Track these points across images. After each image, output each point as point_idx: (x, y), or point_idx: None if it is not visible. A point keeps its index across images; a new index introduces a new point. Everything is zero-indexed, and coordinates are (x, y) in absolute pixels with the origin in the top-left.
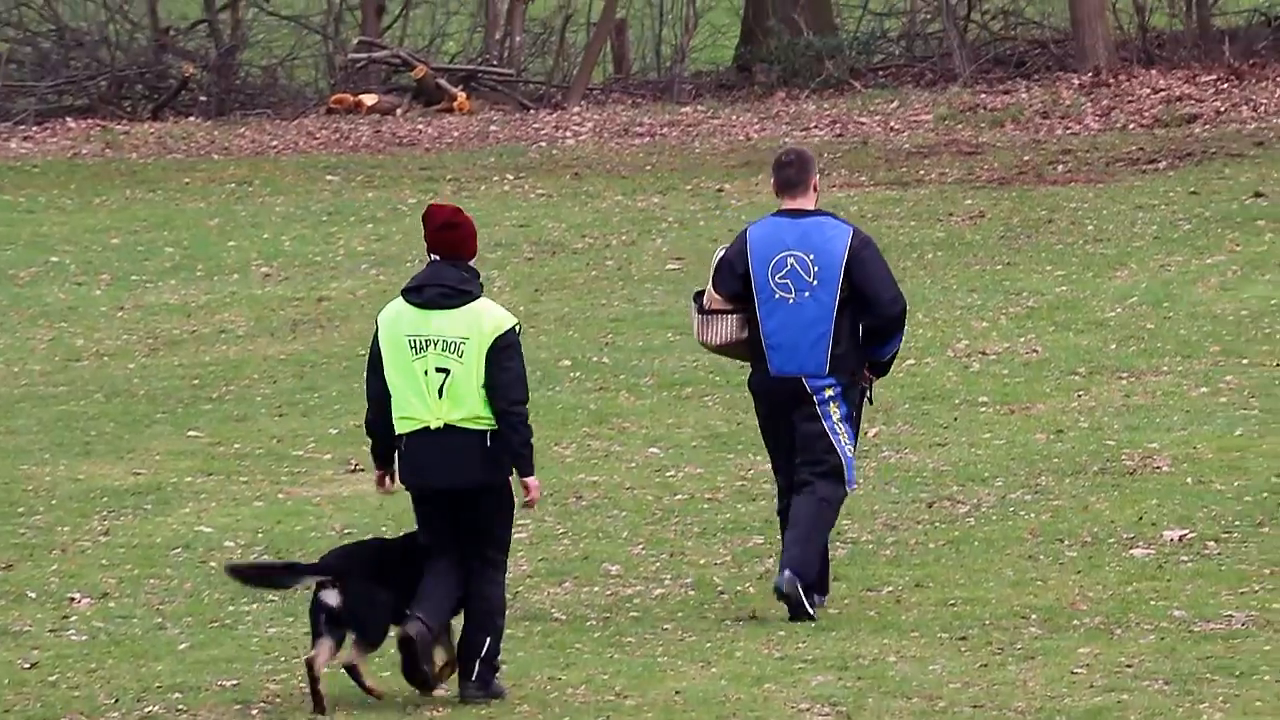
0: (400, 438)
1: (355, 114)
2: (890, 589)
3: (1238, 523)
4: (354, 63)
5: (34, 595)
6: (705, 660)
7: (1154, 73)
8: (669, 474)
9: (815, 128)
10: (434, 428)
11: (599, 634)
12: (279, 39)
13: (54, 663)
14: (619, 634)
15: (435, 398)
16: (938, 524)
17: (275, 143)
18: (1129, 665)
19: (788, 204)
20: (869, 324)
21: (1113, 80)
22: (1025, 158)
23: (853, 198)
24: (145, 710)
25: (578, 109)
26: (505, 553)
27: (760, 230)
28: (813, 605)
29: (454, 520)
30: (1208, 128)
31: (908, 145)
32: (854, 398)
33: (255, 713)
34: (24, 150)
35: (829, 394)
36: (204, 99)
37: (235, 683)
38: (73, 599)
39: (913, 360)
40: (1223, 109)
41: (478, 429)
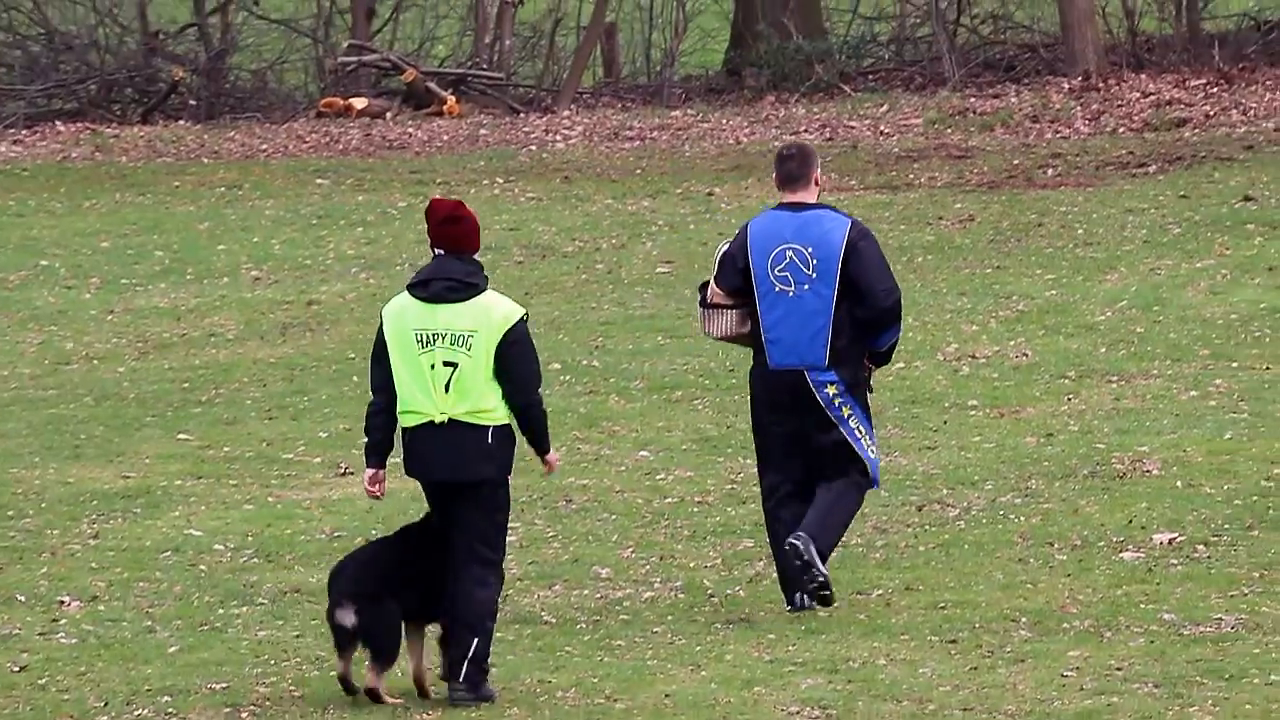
0: (404, 431)
1: (345, 117)
2: (880, 592)
3: (1227, 526)
4: (344, 66)
5: (23, 598)
6: (695, 663)
7: (1143, 77)
8: (659, 477)
9: (805, 132)
10: (438, 422)
11: (589, 637)
12: (269, 43)
13: (43, 666)
14: (609, 637)
15: (441, 392)
16: (927, 527)
17: (265, 146)
18: (1119, 668)
19: (788, 198)
20: (862, 315)
21: (1102, 84)
22: (1015, 161)
23: (842, 201)
24: (135, 713)
25: (568, 113)
26: (499, 553)
27: (761, 224)
28: (823, 563)
29: (450, 515)
30: (1197, 132)
31: (897, 149)
32: (861, 395)
33: (245, 716)
34: (13, 154)
35: (832, 391)
36: (194, 102)
37: (225, 686)
38: (62, 602)
39: (902, 364)
40: (1212, 113)
41: (481, 424)
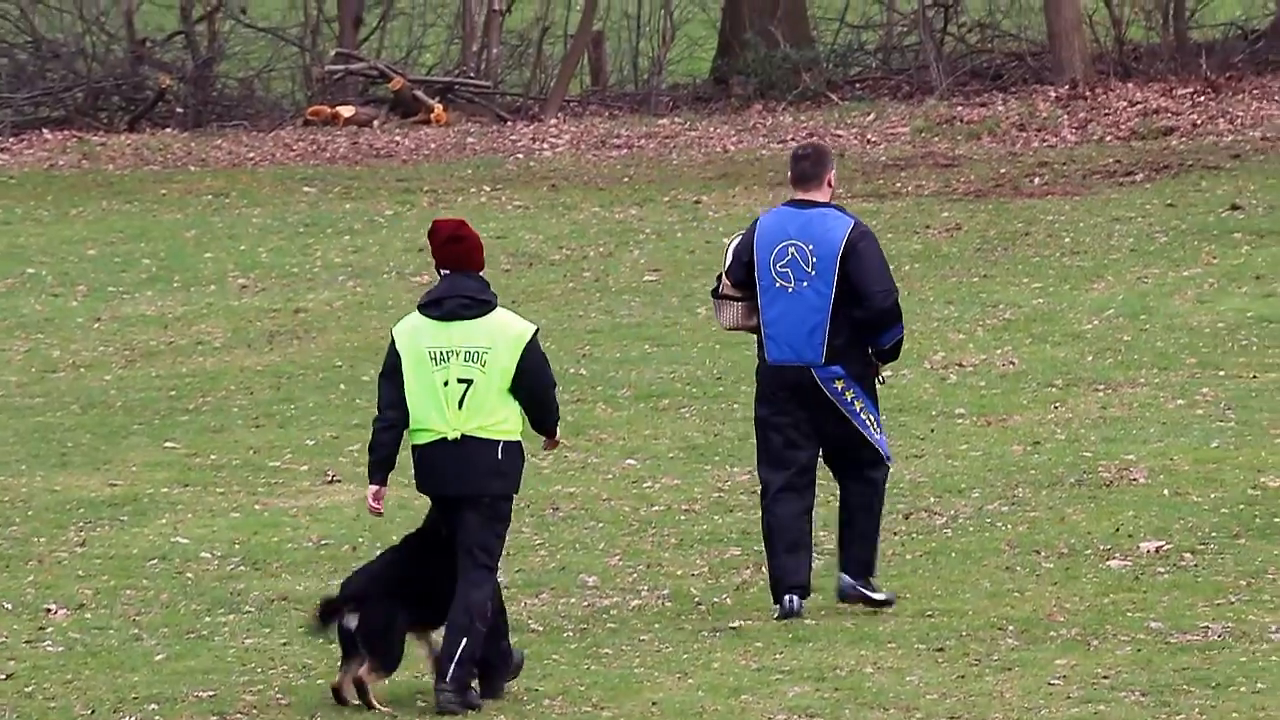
0: (414, 449)
1: (332, 125)
2: None
3: (1214, 534)
4: (331, 74)
5: (10, 606)
6: (682, 671)
7: (1130, 85)
8: (646, 485)
9: (792, 140)
10: (451, 439)
11: (576, 645)
12: (256, 51)
13: (30, 674)
14: (596, 645)
15: (455, 409)
16: (915, 535)
17: (252, 154)
18: (1106, 676)
19: (799, 195)
20: (860, 315)
21: (1089, 93)
22: (1002, 170)
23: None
24: None
25: (555, 121)
26: (495, 561)
27: (769, 219)
28: (874, 591)
29: (453, 522)
30: (1184, 140)
31: (884, 158)
32: (870, 385)
33: None
34: (0, 162)
35: (840, 385)
36: (181, 110)
37: (212, 694)
38: (49, 610)
39: (889, 372)
40: (1199, 122)
41: (492, 438)
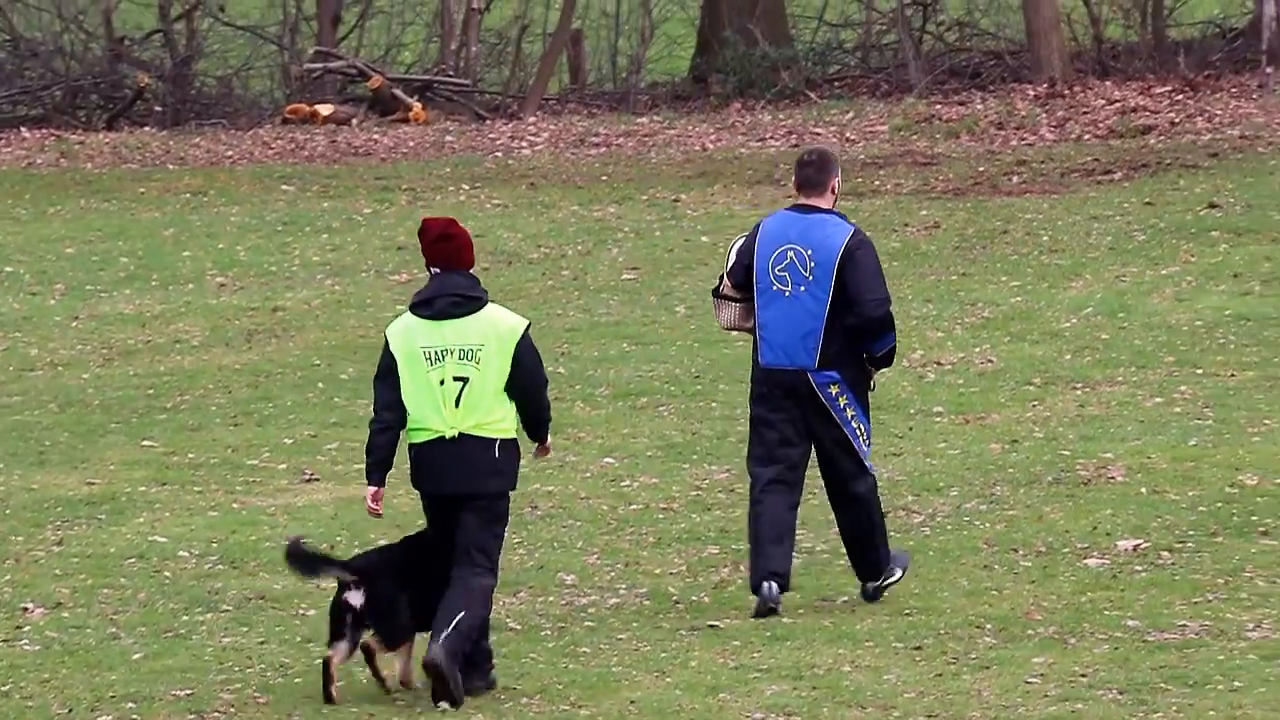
0: (411, 447)
1: (311, 124)
2: (845, 598)
3: (1191, 533)
4: (309, 73)
5: None
6: (660, 670)
7: (1109, 84)
8: (624, 484)
9: (771, 138)
10: (449, 437)
11: (553, 644)
12: (234, 49)
13: (7, 673)
14: (574, 643)
15: (452, 407)
16: (893, 533)
17: (230, 153)
18: (1083, 675)
19: (802, 200)
20: (852, 322)
21: (1068, 91)
22: (980, 169)
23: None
24: None
25: (534, 119)
26: (494, 561)
27: (771, 223)
28: (891, 575)
29: (452, 522)
30: (1162, 139)
31: (863, 156)
32: (862, 392)
33: None
34: None
35: (835, 390)
36: (159, 109)
37: (189, 692)
38: (26, 609)
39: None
40: (1177, 120)
41: (489, 436)
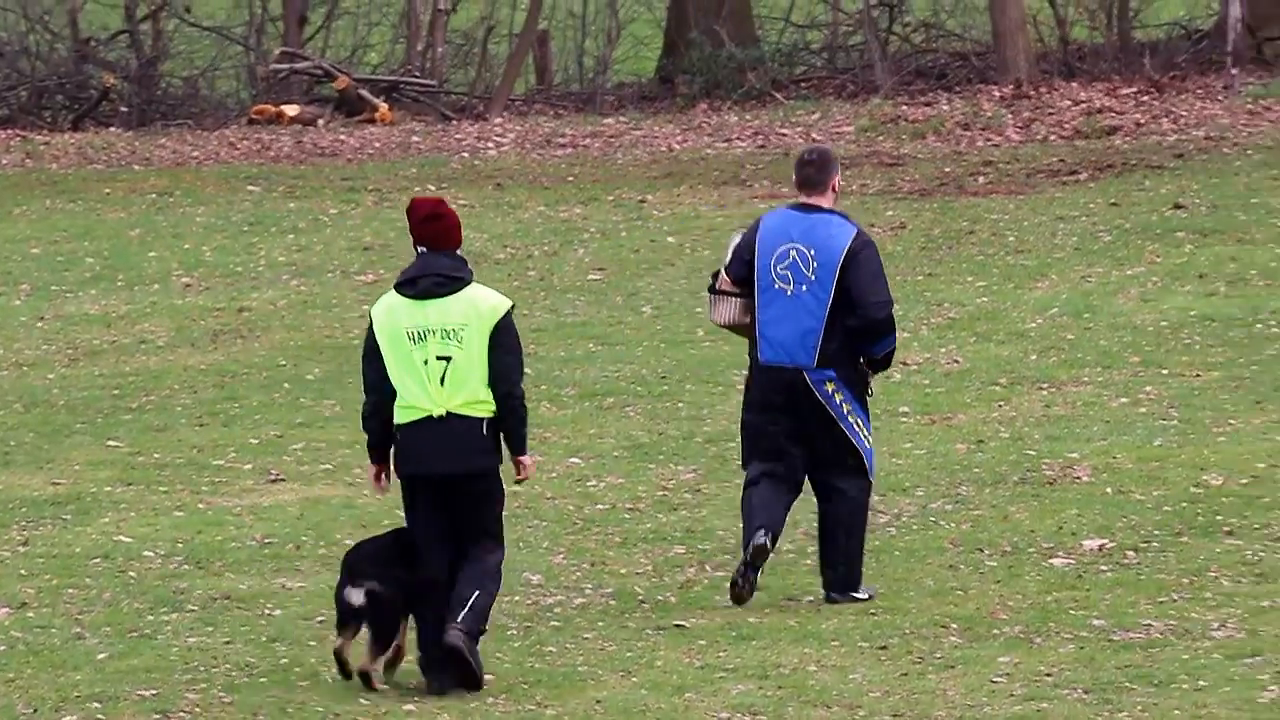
0: (398, 427)
1: (277, 125)
2: (811, 598)
3: (1157, 532)
4: (276, 73)
5: None
6: (626, 669)
7: (1075, 85)
8: (590, 484)
9: (737, 139)
10: (436, 416)
11: (519, 643)
12: (200, 50)
13: None
14: (539, 643)
15: (437, 386)
16: None
17: (196, 153)
18: (1048, 674)
19: (803, 199)
20: (853, 324)
21: (1034, 92)
22: (946, 169)
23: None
24: None
25: (500, 120)
26: (502, 533)
27: (772, 220)
28: (859, 593)
29: (450, 508)
30: (1128, 140)
31: None
32: (858, 385)
33: None
34: None
35: (831, 388)
36: (125, 109)
37: (154, 693)
38: None
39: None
40: (1143, 121)
41: (476, 415)
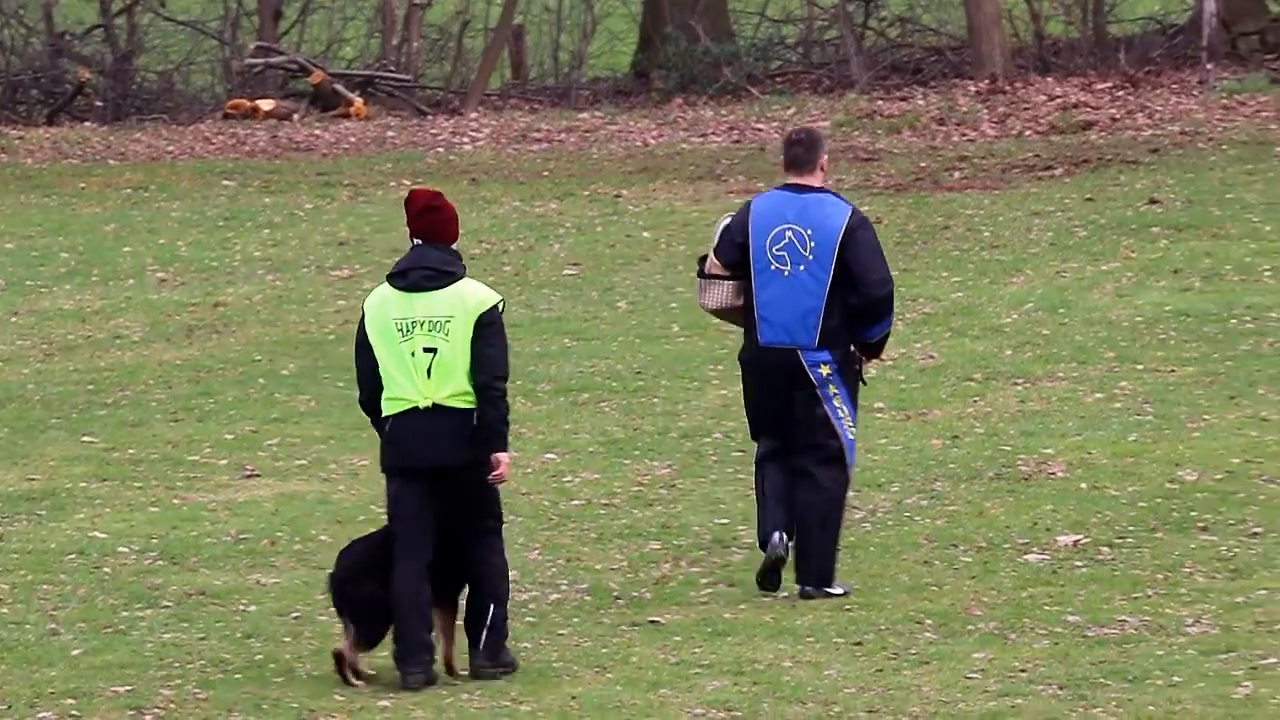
0: (387, 419)
1: (252, 119)
2: (786, 594)
3: (1131, 528)
4: (251, 68)
5: None
6: (601, 665)
7: (1050, 80)
8: (565, 479)
9: (713, 134)
10: (423, 407)
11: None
12: (175, 44)
13: None
14: (514, 639)
15: (424, 378)
16: None
17: (171, 148)
18: (1023, 670)
19: (793, 180)
20: (855, 303)
21: (1009, 87)
22: (922, 164)
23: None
24: (38, 716)
25: (475, 115)
26: (500, 522)
27: (763, 203)
28: (833, 588)
29: (443, 502)
30: (1103, 135)
31: None
32: (851, 377)
33: (149, 719)
34: None
35: (826, 372)
36: (100, 104)
37: (129, 689)
38: None
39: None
40: (1118, 116)
41: (464, 407)
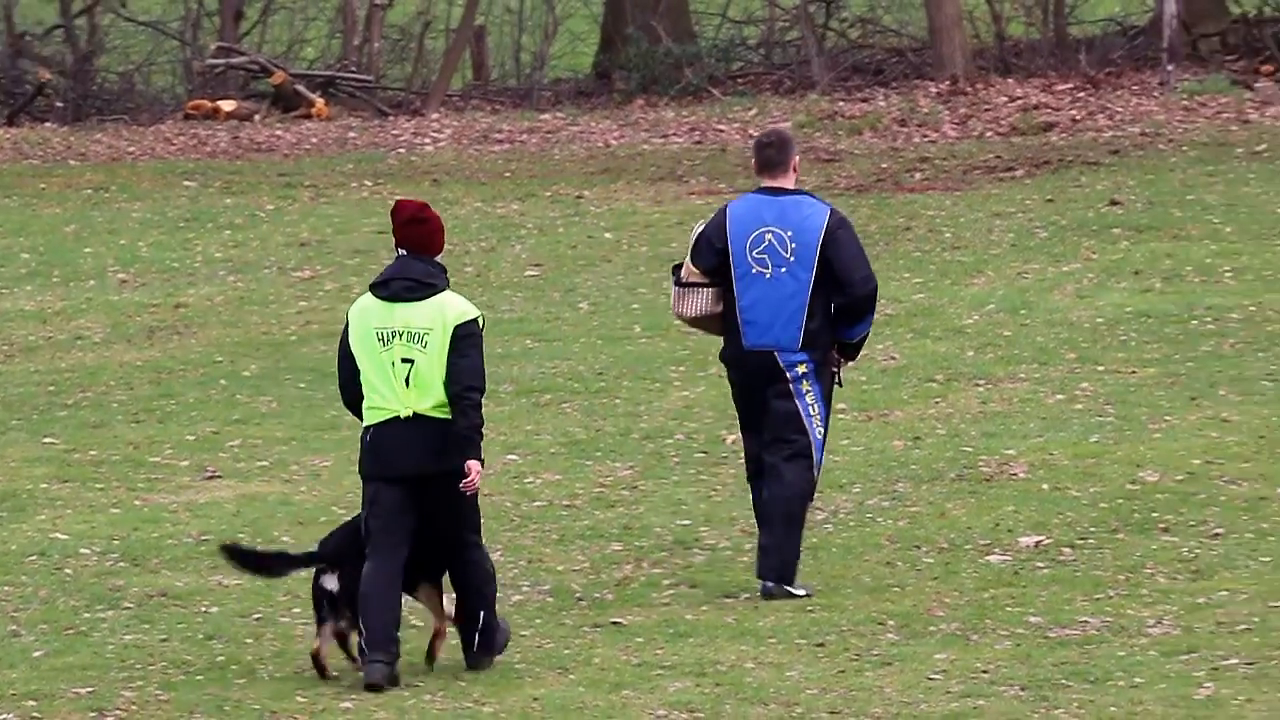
0: (367, 429)
1: (213, 120)
2: (748, 595)
3: (1093, 529)
4: (212, 69)
5: None
6: (563, 667)
7: (1011, 81)
8: (527, 481)
9: (674, 135)
10: (403, 417)
11: (456, 640)
12: (136, 45)
13: None
14: None
15: (403, 387)
16: None
17: (132, 148)
18: (985, 671)
19: (767, 182)
20: (840, 303)
21: (970, 88)
22: (883, 165)
23: (711, 205)
24: None
25: (437, 115)
26: (479, 533)
27: (740, 207)
28: (795, 588)
29: (421, 512)
30: (1064, 136)
31: None
32: (826, 378)
33: None
34: None
35: (801, 370)
36: (60, 104)
37: (90, 690)
38: None
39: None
40: (1079, 117)
41: (444, 417)
